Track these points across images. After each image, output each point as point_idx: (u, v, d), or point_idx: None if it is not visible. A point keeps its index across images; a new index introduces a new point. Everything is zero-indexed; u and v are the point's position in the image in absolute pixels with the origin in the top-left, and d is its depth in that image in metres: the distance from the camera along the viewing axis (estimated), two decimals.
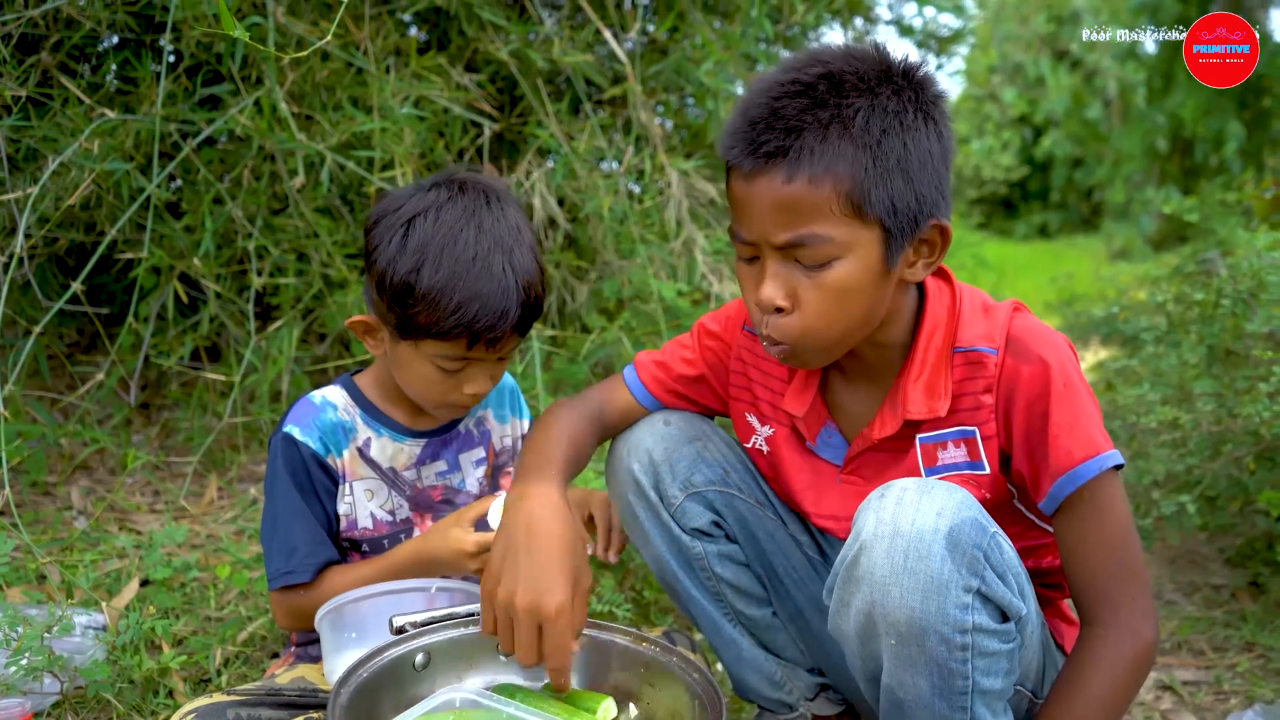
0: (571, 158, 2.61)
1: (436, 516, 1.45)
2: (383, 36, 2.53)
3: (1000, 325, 1.15)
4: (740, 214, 1.11)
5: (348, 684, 0.98)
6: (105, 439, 2.37)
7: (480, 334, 1.27)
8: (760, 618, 1.37)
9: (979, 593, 1.01)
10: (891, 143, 1.06)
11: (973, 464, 1.16)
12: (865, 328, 1.14)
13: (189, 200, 2.45)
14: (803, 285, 1.09)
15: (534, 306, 1.31)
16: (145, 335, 2.45)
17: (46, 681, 1.43)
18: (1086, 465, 1.09)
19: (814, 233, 1.06)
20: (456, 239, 1.27)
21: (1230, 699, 1.68)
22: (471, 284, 1.26)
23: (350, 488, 1.40)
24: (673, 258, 2.75)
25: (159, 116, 2.19)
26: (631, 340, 2.65)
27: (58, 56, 2.33)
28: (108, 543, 2.01)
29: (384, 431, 1.42)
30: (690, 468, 1.32)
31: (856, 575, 1.03)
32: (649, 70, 2.78)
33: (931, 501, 1.01)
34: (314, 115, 2.39)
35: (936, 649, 1.00)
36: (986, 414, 1.15)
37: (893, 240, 1.09)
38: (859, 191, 1.05)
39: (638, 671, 1.11)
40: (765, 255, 1.10)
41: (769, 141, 1.06)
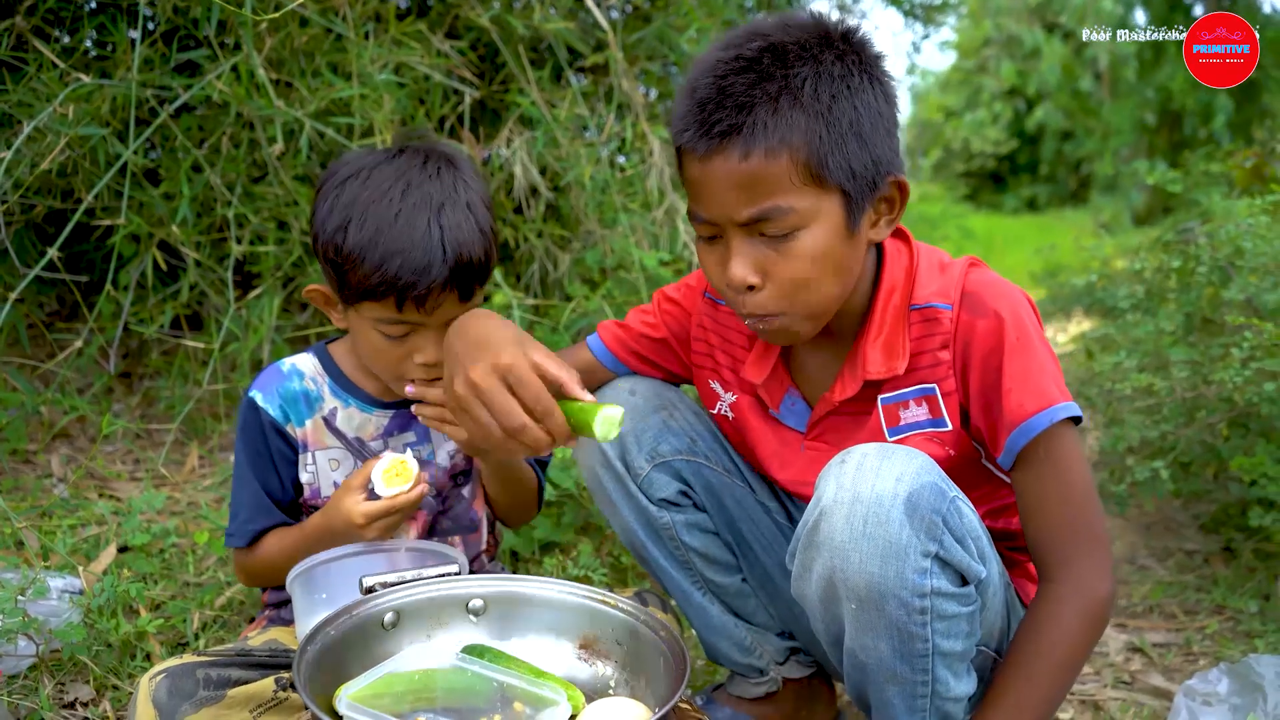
0: (553, 126, 2.60)
1: None
2: (362, 2, 2.50)
3: (955, 281, 1.16)
4: (699, 195, 1.11)
5: (314, 641, 0.99)
6: (85, 407, 2.36)
7: (405, 291, 1.24)
8: (729, 584, 1.38)
9: (937, 557, 1.01)
10: (842, 107, 1.06)
11: (935, 421, 1.17)
12: (843, 290, 1.14)
13: (167, 167, 2.42)
14: (770, 259, 1.09)
15: (467, 268, 1.27)
16: (125, 303, 2.44)
17: (21, 644, 1.43)
18: (1039, 417, 1.10)
19: (776, 205, 1.06)
20: (382, 197, 1.27)
21: (1199, 660, 1.70)
22: (393, 240, 1.24)
23: (313, 457, 1.39)
24: (655, 227, 2.74)
25: (135, 82, 2.16)
26: (614, 309, 2.64)
27: (33, 20, 2.30)
28: (87, 509, 2.01)
29: (351, 401, 1.41)
30: (656, 437, 1.32)
31: (817, 540, 1.04)
32: (631, 38, 2.76)
33: (891, 467, 1.01)
34: (292, 81, 2.37)
35: (896, 613, 1.02)
36: (945, 370, 1.16)
37: (854, 203, 1.09)
38: (816, 159, 1.06)
39: (607, 630, 1.12)
40: (729, 234, 1.10)
41: (721, 120, 1.05)
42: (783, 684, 1.42)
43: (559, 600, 1.14)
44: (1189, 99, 10.38)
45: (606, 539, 1.93)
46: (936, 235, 5.36)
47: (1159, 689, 1.60)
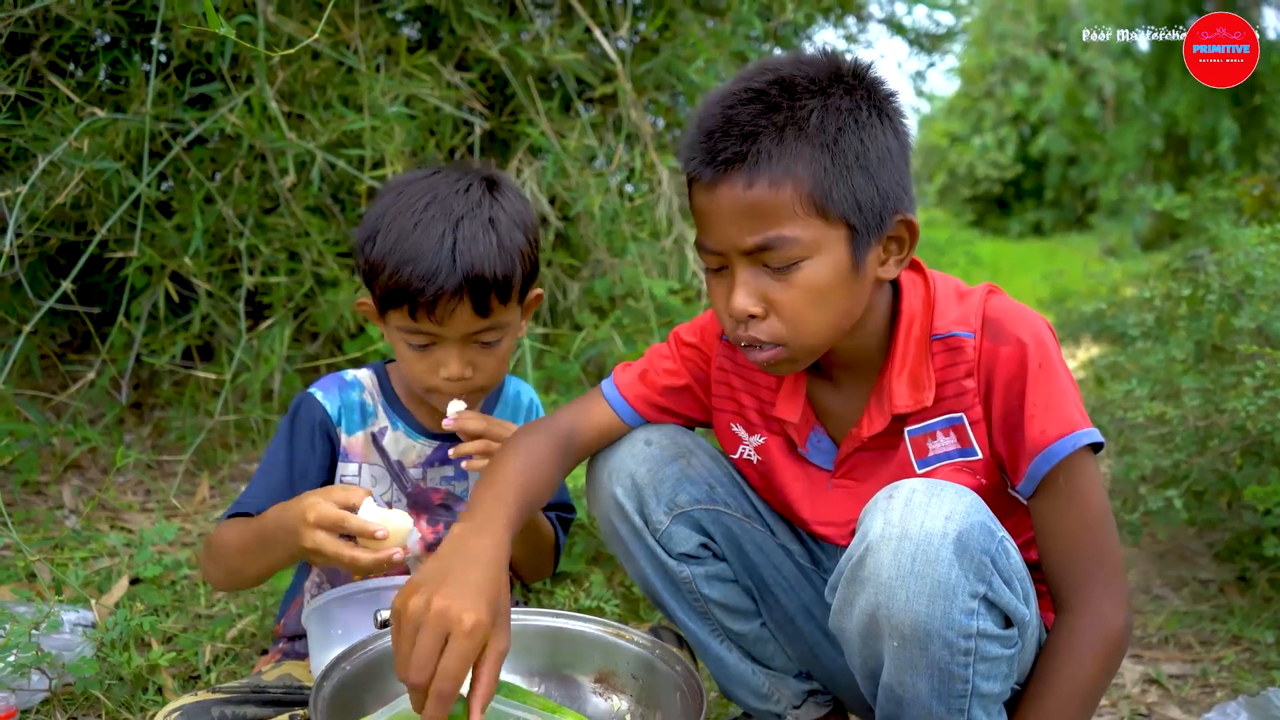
0: (562, 156, 2.61)
1: (432, 519, 1.44)
2: (373, 35, 2.54)
3: (975, 308, 1.16)
4: (705, 225, 1.11)
5: (330, 678, 0.99)
6: (97, 438, 2.37)
7: (415, 298, 1.26)
8: (748, 632, 1.35)
9: (985, 598, 1.01)
10: (848, 140, 1.07)
11: (964, 451, 1.16)
12: (843, 327, 1.14)
13: (180, 199, 2.45)
14: (773, 289, 1.09)
15: (479, 281, 1.26)
16: (137, 334, 2.45)
17: (34, 679, 1.43)
18: (1061, 443, 1.09)
19: (780, 235, 1.07)
20: (408, 209, 1.29)
21: (1216, 692, 1.69)
22: (407, 248, 1.27)
23: (358, 468, 1.41)
24: (664, 256, 2.76)
25: (149, 115, 2.19)
26: (623, 338, 2.65)
27: (47, 56, 2.34)
28: (98, 541, 2.01)
29: (400, 425, 1.44)
30: (675, 488, 1.29)
31: (862, 576, 1.03)
32: (639, 69, 2.79)
33: (940, 504, 1.01)
34: (304, 114, 2.40)
35: (939, 653, 1.01)
36: (971, 398, 1.15)
37: (859, 238, 1.09)
38: (820, 190, 1.06)
39: (622, 664, 1.11)
40: (734, 263, 1.10)
41: (726, 149, 1.06)
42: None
43: (576, 634, 1.14)
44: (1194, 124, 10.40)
45: (618, 569, 1.92)
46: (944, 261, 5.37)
47: None
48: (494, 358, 1.35)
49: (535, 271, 1.37)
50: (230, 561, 1.29)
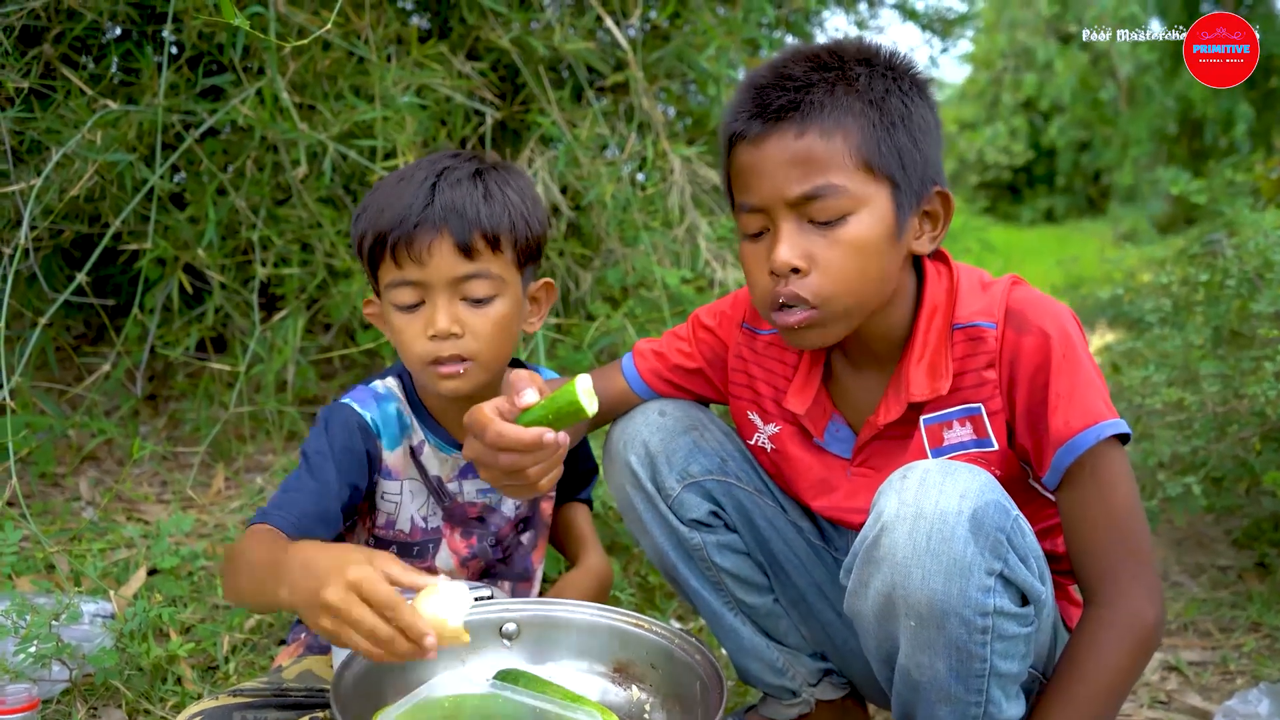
0: (574, 145, 2.61)
1: (466, 533, 1.42)
2: (383, 25, 2.53)
3: (998, 299, 1.16)
4: (749, 181, 1.12)
5: (350, 668, 0.99)
6: (113, 430, 2.38)
7: (395, 240, 1.22)
8: (761, 605, 1.36)
9: (1001, 575, 1.01)
10: (894, 102, 1.11)
11: (980, 441, 1.16)
12: (879, 295, 1.14)
13: (192, 191, 2.45)
14: (819, 245, 1.10)
15: (458, 216, 1.22)
16: (151, 326, 2.46)
17: (55, 669, 1.44)
18: (1085, 434, 1.09)
19: (830, 183, 1.08)
20: (396, 174, 1.29)
21: (1236, 679, 1.68)
22: (390, 196, 1.26)
23: (401, 486, 1.36)
24: (676, 245, 2.75)
25: (161, 107, 2.19)
26: (636, 327, 2.64)
27: (59, 48, 2.34)
28: (115, 532, 2.02)
29: (431, 438, 1.38)
30: (687, 458, 1.31)
31: (877, 556, 1.03)
32: (651, 57, 2.77)
33: (954, 483, 1.01)
34: (316, 105, 2.39)
35: (957, 632, 1.01)
36: (991, 389, 1.15)
37: (902, 197, 1.11)
38: (869, 144, 1.09)
39: (641, 654, 1.11)
40: (778, 218, 1.11)
41: (778, 99, 1.10)
42: (815, 705, 1.40)
43: (593, 624, 1.14)
44: (1209, 107, 10.32)
45: (634, 559, 1.92)
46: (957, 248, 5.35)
47: (1197, 709, 1.58)
48: (486, 319, 1.26)
49: (536, 241, 1.31)
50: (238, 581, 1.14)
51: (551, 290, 1.38)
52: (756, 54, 2.94)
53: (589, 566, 1.47)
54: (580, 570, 1.47)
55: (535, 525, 1.47)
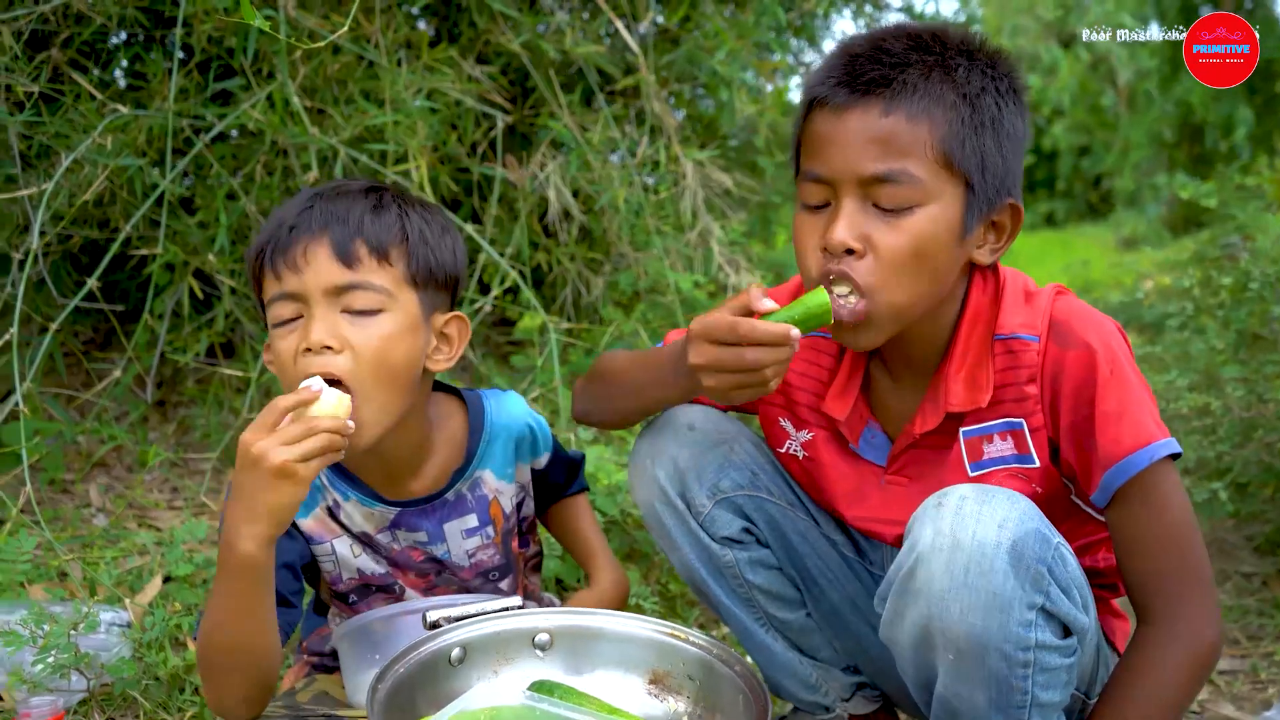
0: (585, 149, 2.59)
1: (420, 572, 1.30)
2: (393, 29, 2.51)
3: (1042, 310, 1.13)
4: (821, 150, 1.09)
5: (385, 679, 0.97)
6: (123, 436, 2.36)
7: (272, 251, 1.14)
8: (793, 621, 1.33)
9: (1043, 609, 0.98)
10: (988, 102, 1.07)
11: (1021, 457, 1.13)
12: (931, 297, 1.11)
13: (202, 196, 2.43)
14: (879, 230, 1.06)
15: (337, 220, 1.14)
16: (161, 332, 2.44)
17: (73, 679, 1.41)
18: (1138, 455, 1.06)
19: (905, 169, 1.05)
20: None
21: (1268, 688, 1.66)
22: (275, 212, 1.20)
23: (331, 546, 1.27)
24: (689, 249, 2.73)
25: (171, 111, 2.17)
26: (648, 332, 2.63)
27: (68, 53, 2.32)
28: (128, 540, 2.00)
29: (352, 494, 1.26)
30: (718, 473, 1.27)
31: (913, 588, 1.00)
32: (661, 60, 2.76)
33: (992, 512, 0.98)
34: (326, 109, 2.38)
35: (997, 665, 0.98)
36: (1033, 404, 1.12)
37: (975, 202, 1.08)
38: (954, 139, 1.06)
39: (678, 665, 1.09)
40: (842, 195, 1.07)
41: (871, 72, 1.06)
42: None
43: (628, 634, 1.11)
44: (1209, 112, 10.32)
45: (654, 566, 1.90)
46: None
47: (1230, 718, 1.56)
48: (369, 334, 1.13)
49: (445, 271, 1.21)
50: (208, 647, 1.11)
51: (465, 326, 1.25)
52: (768, 57, 2.93)
53: (602, 586, 1.39)
54: (593, 591, 1.39)
55: (512, 570, 1.37)
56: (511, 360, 2.71)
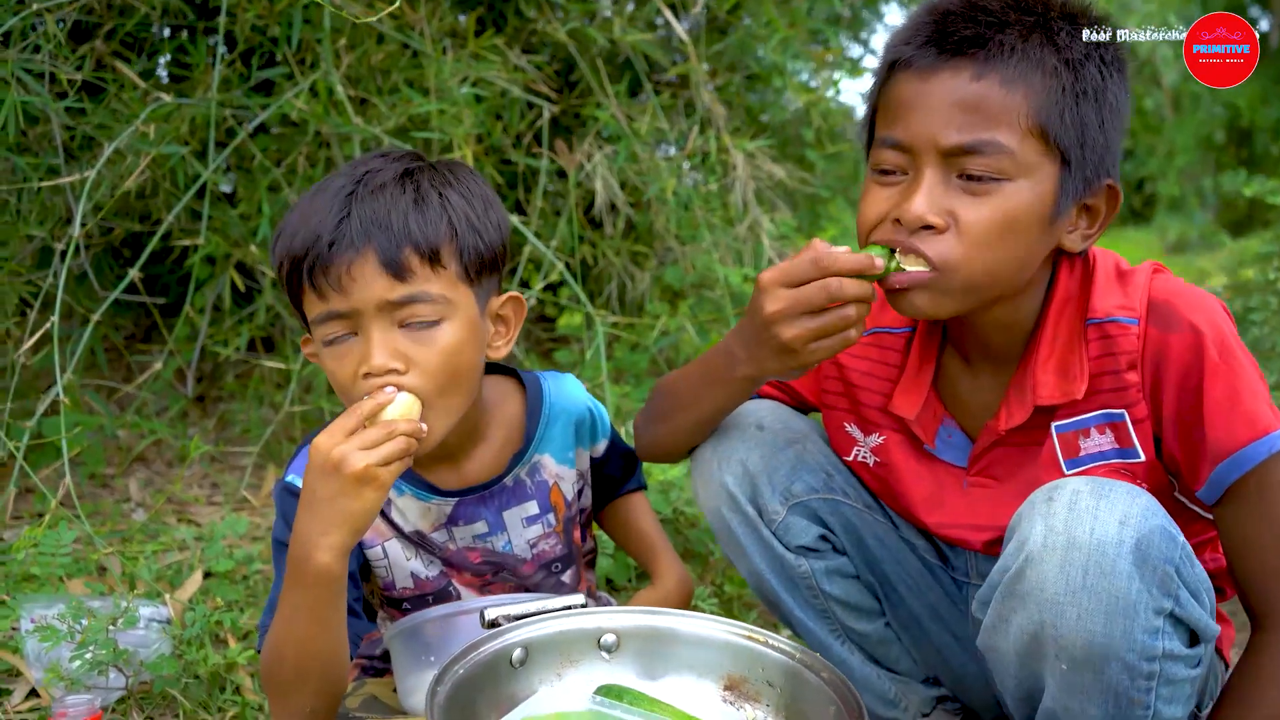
0: (633, 140, 2.52)
1: (477, 572, 1.23)
2: (438, 18, 2.47)
3: (1140, 290, 1.04)
4: (902, 114, 1.00)
5: (444, 682, 0.90)
6: (164, 430, 2.33)
7: (302, 263, 1.04)
8: (871, 632, 1.25)
9: (1171, 615, 0.90)
10: (1091, 71, 0.98)
11: (1123, 451, 1.04)
12: (1012, 281, 1.02)
13: (244, 188, 2.40)
14: (961, 204, 0.98)
15: (379, 229, 1.04)
16: (201, 326, 2.41)
17: (112, 676, 1.36)
18: (1253, 447, 0.97)
19: (994, 139, 0.96)
20: (314, 189, 1.11)
21: None
22: (304, 211, 1.07)
23: (383, 549, 1.20)
24: (737, 243, 2.66)
25: (215, 100, 2.14)
26: (696, 328, 2.56)
27: (111, 45, 2.30)
28: (167, 535, 1.96)
29: (406, 488, 1.19)
30: (790, 475, 1.19)
31: (1021, 591, 0.92)
32: (710, 50, 2.69)
33: (1112, 507, 0.89)
34: (369, 98, 2.33)
35: (1117, 677, 0.90)
36: (1134, 394, 1.03)
37: (1070, 179, 0.99)
38: (1051, 109, 0.97)
39: (757, 670, 1.02)
40: (923, 164, 0.99)
41: (964, 30, 0.97)
42: None
43: (702, 636, 1.04)
44: (1258, 115, 10.09)
45: (710, 567, 1.82)
46: None
47: None
48: (432, 349, 1.06)
49: (491, 251, 1.12)
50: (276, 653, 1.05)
51: (520, 306, 1.18)
52: (825, 45, 2.85)
53: (666, 585, 1.30)
54: (656, 590, 1.30)
55: (575, 560, 1.30)
56: (555, 356, 2.65)
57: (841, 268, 0.97)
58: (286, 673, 1.04)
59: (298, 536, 0.99)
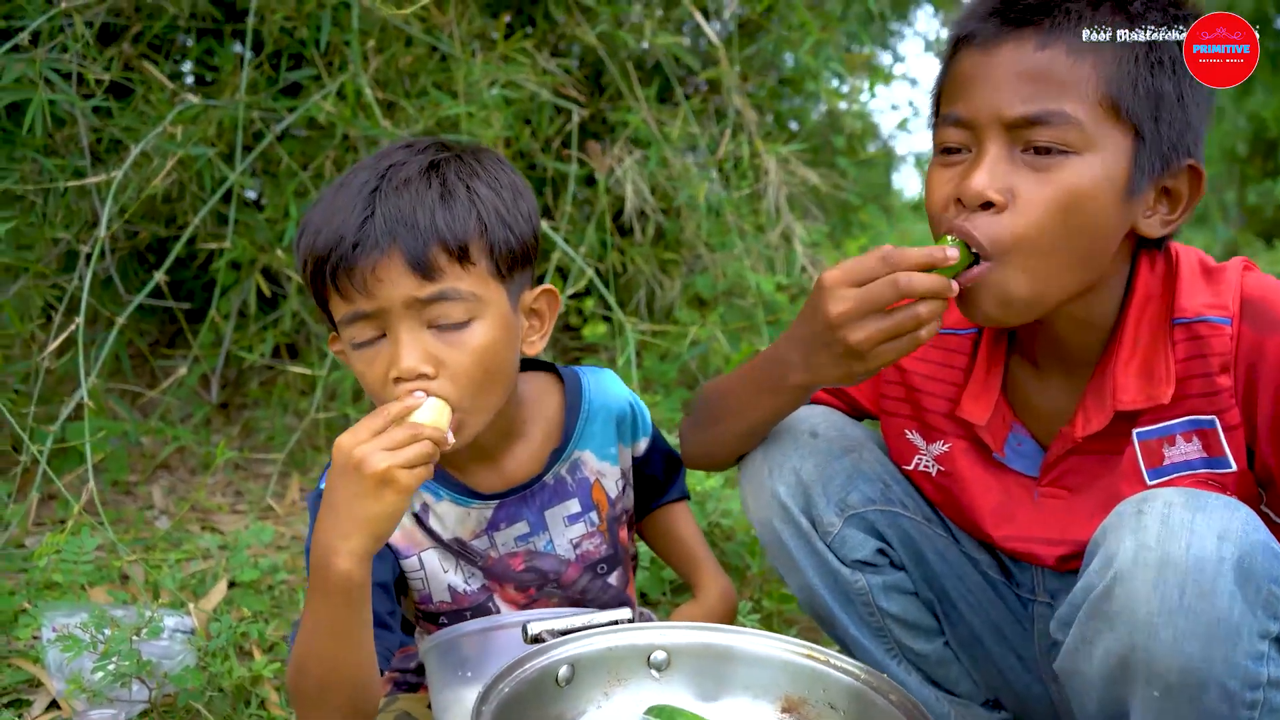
0: (663, 145, 2.48)
1: (520, 585, 1.18)
2: (467, 20, 2.44)
3: (1231, 288, 0.97)
4: (964, 89, 0.96)
5: (489, 700, 0.85)
6: (188, 437, 2.29)
7: (325, 263, 0.99)
8: (931, 652, 1.18)
9: (1277, 639, 0.83)
10: (1169, 45, 0.92)
11: (1212, 461, 0.98)
12: (1085, 268, 0.96)
13: (270, 193, 2.38)
14: (1025, 181, 0.93)
15: (405, 226, 1.00)
16: (226, 332, 2.38)
17: (135, 689, 1.32)
18: None
19: (1060, 110, 0.91)
20: (338, 183, 1.06)
21: None
22: (326, 210, 1.03)
23: (419, 560, 1.14)
24: (769, 250, 2.61)
25: (243, 102, 2.11)
26: (727, 336, 2.51)
27: (139, 48, 2.28)
28: (190, 543, 1.92)
29: (444, 492, 1.13)
30: (845, 485, 1.13)
31: (1109, 611, 0.85)
32: (742, 53, 2.65)
33: (1209, 521, 0.83)
34: (397, 101, 2.30)
35: (1216, 706, 0.83)
36: (1227, 398, 0.96)
37: (1144, 156, 0.93)
38: (1123, 79, 0.91)
39: (817, 691, 0.96)
40: (986, 139, 0.94)
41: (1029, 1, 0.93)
42: None
43: (760, 654, 0.98)
44: None
45: (747, 581, 1.77)
46: None
47: None
48: (464, 350, 1.02)
49: (523, 244, 1.07)
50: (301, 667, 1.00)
51: (555, 299, 1.13)
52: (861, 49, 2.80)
53: (709, 599, 1.24)
54: (700, 604, 1.24)
55: (621, 561, 1.25)
56: (582, 364, 2.61)
57: (911, 262, 0.92)
58: (310, 687, 0.99)
59: (318, 541, 0.95)
